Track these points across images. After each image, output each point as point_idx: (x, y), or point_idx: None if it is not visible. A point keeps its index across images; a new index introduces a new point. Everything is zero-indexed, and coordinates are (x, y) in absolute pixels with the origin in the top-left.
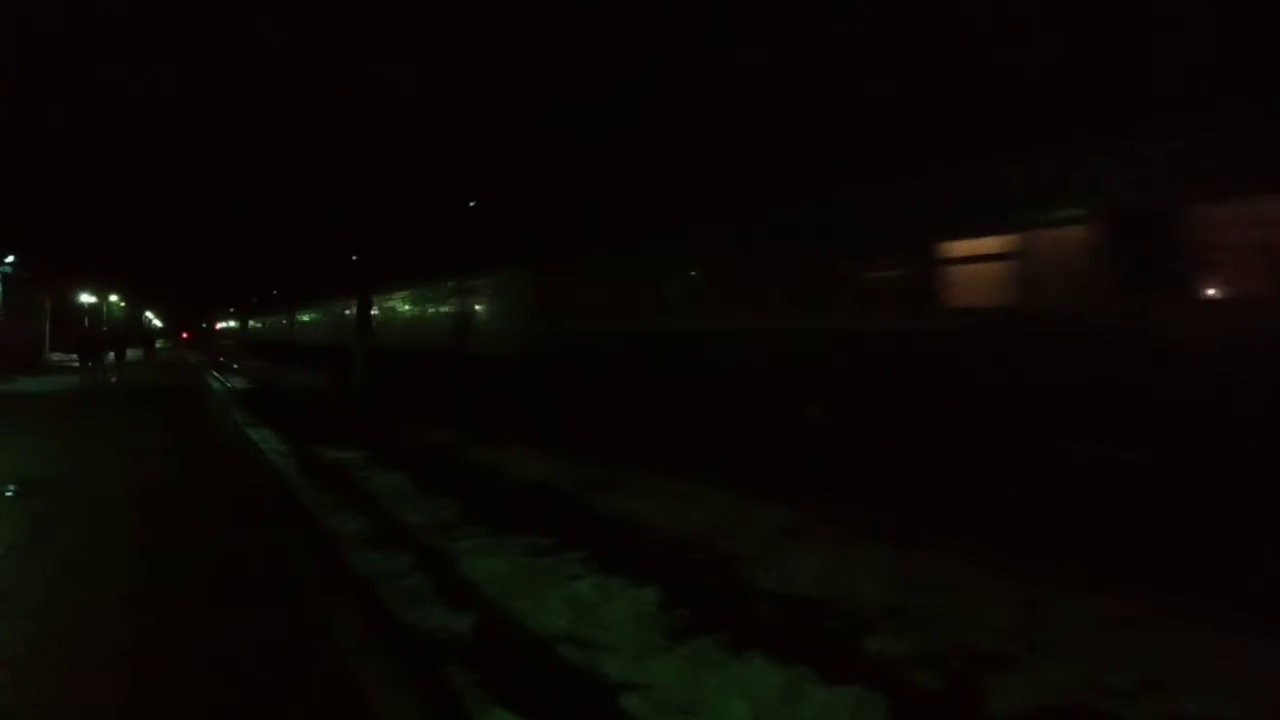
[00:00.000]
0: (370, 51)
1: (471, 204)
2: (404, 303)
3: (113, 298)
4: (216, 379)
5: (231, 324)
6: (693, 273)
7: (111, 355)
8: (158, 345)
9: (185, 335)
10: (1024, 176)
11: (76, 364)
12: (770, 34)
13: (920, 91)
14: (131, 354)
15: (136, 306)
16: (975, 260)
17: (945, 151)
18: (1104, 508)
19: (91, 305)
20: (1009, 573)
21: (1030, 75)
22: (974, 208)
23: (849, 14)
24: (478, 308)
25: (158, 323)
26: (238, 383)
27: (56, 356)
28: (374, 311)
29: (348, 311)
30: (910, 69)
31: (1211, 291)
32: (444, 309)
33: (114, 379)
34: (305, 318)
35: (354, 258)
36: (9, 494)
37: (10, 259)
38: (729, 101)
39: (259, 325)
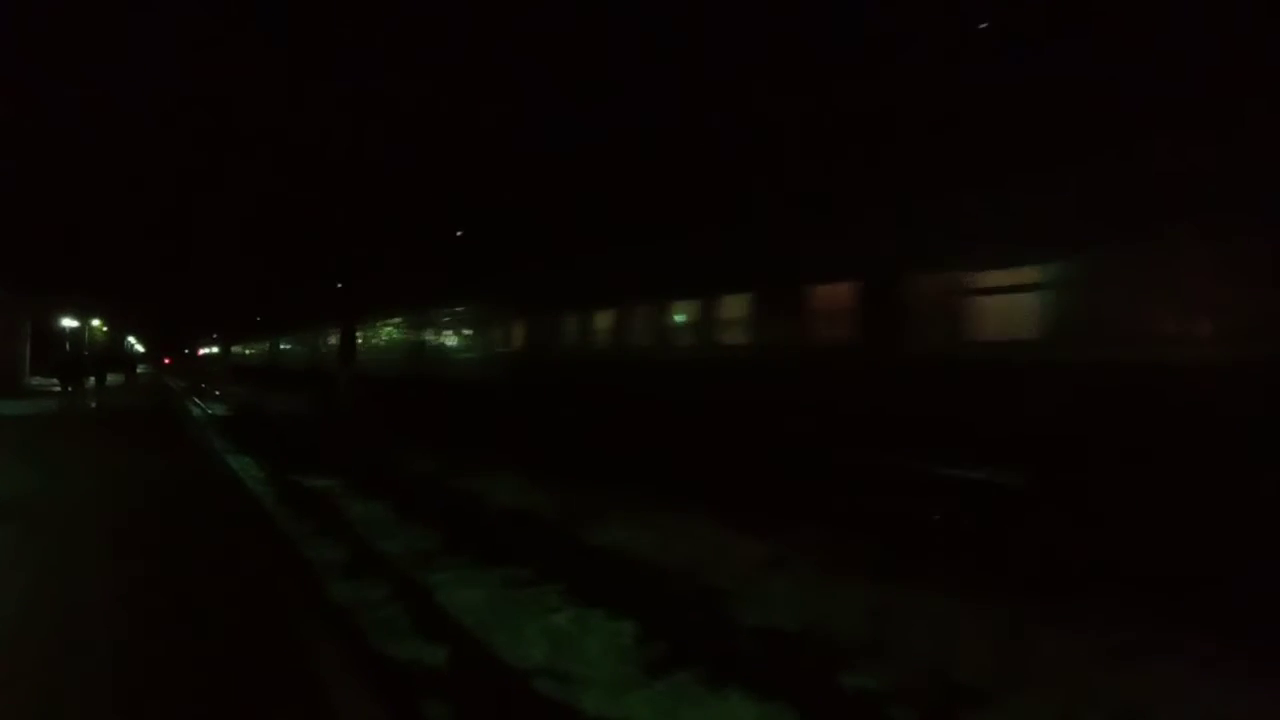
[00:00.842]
0: (370, 60)
1: (459, 233)
2: (392, 329)
3: (95, 322)
4: (198, 405)
5: (214, 349)
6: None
7: (92, 379)
8: (139, 370)
9: (167, 360)
10: None
11: (57, 388)
12: (771, 36)
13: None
14: (112, 378)
15: (118, 331)
16: None
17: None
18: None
19: (73, 329)
20: (991, 606)
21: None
22: None
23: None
24: (462, 333)
25: (139, 347)
26: (219, 409)
27: (36, 381)
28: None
29: (332, 340)
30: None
31: None
32: (432, 335)
33: (93, 403)
34: (288, 345)
35: (339, 285)
36: None
37: None
38: (732, 107)
39: (243, 351)
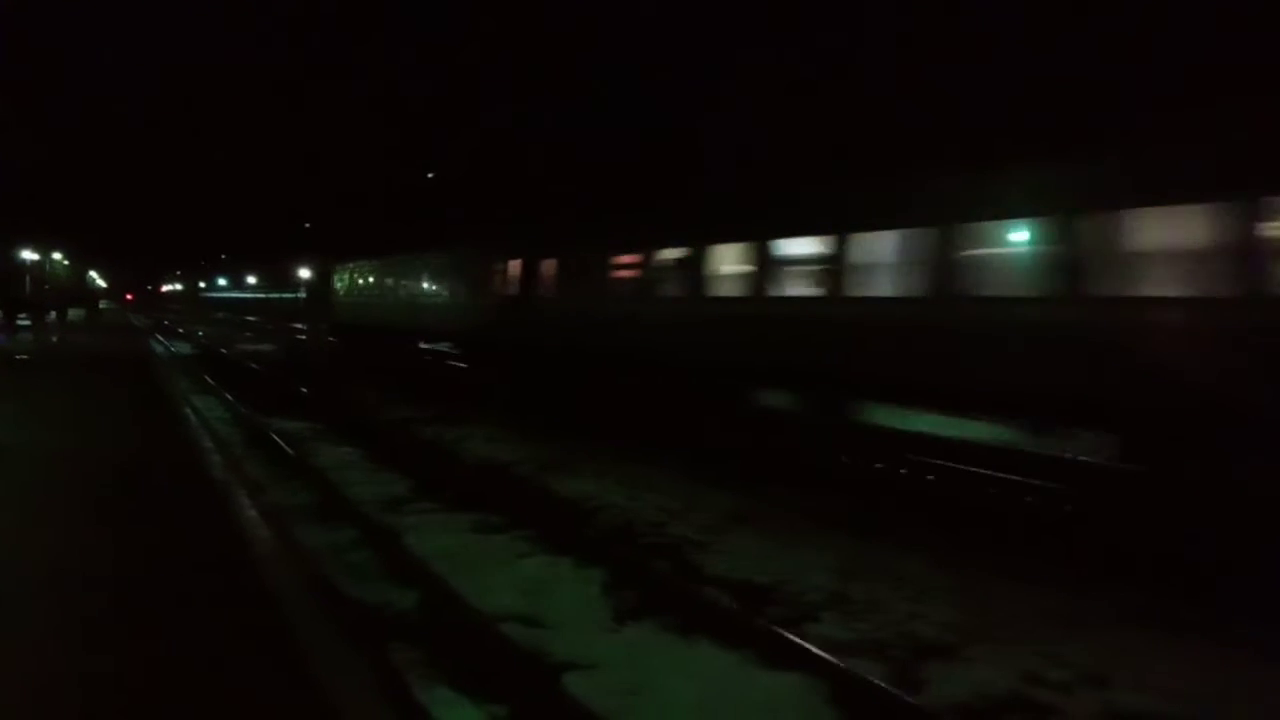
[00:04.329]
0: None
1: (430, 175)
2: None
3: (55, 256)
4: (161, 343)
5: (178, 287)
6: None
7: (53, 314)
8: (101, 306)
9: (129, 297)
10: None
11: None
12: (772, 33)
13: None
14: (74, 314)
15: (80, 266)
16: None
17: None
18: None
19: (34, 263)
20: (958, 566)
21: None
22: None
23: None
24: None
25: (101, 283)
26: (183, 348)
27: None
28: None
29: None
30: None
31: None
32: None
33: (54, 338)
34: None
35: (306, 225)
36: None
37: None
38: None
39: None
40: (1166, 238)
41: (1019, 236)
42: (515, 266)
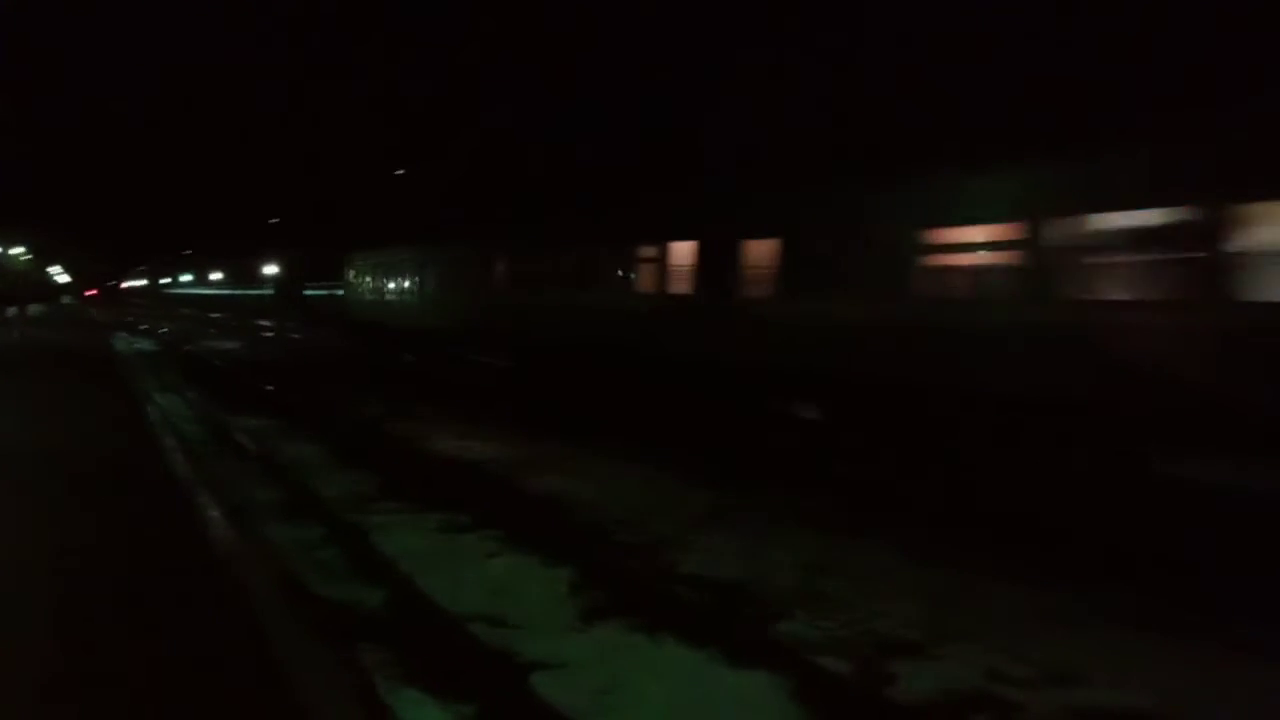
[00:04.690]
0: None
1: (399, 171)
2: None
3: (15, 250)
4: (124, 339)
5: (142, 282)
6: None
7: (14, 309)
8: (64, 301)
9: (92, 292)
10: None
11: None
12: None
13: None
14: (35, 309)
15: (43, 261)
16: None
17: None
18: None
19: None
20: (933, 564)
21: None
22: None
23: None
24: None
25: (65, 278)
26: (146, 344)
27: None
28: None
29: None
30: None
31: None
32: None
33: (16, 334)
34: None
35: (273, 220)
36: None
37: None
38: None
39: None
40: None
41: None
42: (684, 252)
